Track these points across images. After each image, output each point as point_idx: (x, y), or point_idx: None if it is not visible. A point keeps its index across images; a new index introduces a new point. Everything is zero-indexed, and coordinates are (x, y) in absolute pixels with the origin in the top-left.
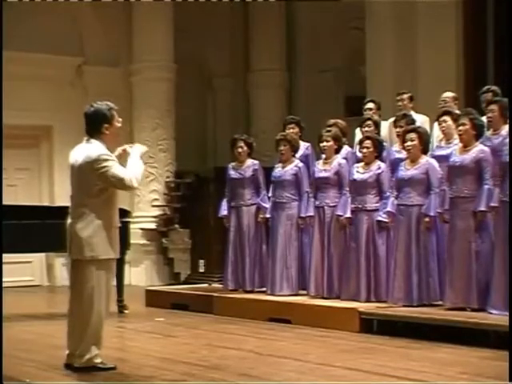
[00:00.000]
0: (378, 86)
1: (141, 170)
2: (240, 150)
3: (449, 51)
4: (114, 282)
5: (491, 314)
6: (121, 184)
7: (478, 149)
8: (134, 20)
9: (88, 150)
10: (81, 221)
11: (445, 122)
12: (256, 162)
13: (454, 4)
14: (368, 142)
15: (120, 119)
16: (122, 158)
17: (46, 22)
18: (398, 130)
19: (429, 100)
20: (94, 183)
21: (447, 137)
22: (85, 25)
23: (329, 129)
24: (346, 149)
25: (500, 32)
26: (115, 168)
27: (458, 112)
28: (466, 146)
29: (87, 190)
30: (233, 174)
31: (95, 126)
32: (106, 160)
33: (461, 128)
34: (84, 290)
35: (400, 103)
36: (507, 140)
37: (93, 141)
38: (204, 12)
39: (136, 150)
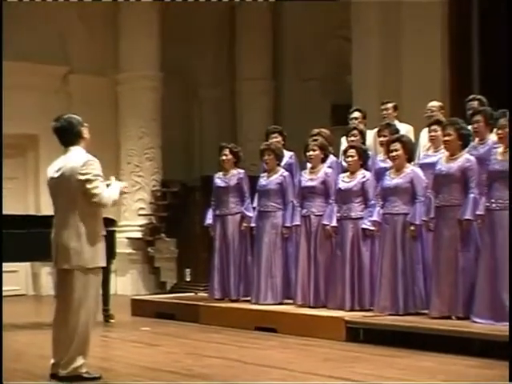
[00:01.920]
0: (364, 95)
1: (117, 196)
2: (224, 157)
3: (434, 61)
4: (100, 291)
5: (475, 322)
6: (98, 199)
7: (464, 158)
8: (120, 29)
9: (71, 157)
10: (67, 230)
11: (435, 131)
12: (241, 170)
13: (439, 14)
14: (352, 151)
15: (86, 124)
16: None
17: (31, 30)
18: (381, 139)
19: (414, 109)
20: (78, 191)
21: (435, 145)
22: (71, 34)
23: (315, 138)
24: (330, 158)
25: (485, 41)
26: (98, 181)
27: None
28: (452, 155)
29: (73, 199)
30: (218, 182)
31: (73, 133)
32: (92, 169)
33: (446, 138)
34: (71, 300)
35: (385, 112)
36: (494, 149)
37: (72, 148)
38: (190, 21)
39: (117, 184)
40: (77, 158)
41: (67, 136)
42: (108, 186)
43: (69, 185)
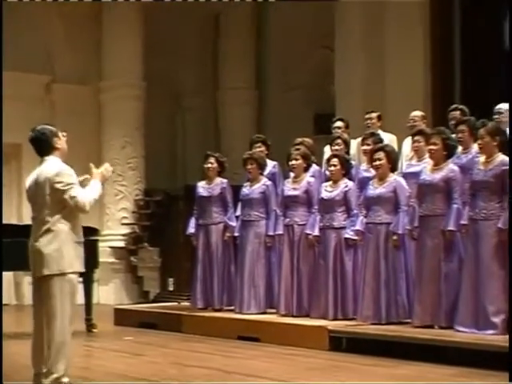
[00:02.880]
0: (347, 104)
1: (97, 194)
2: (210, 165)
3: (417, 71)
4: (83, 301)
5: (459, 331)
6: (74, 204)
7: (448, 168)
8: (104, 38)
9: (46, 167)
10: (44, 238)
11: (418, 141)
12: (225, 180)
13: (421, 24)
14: (335, 160)
15: (64, 133)
16: (86, 182)
17: (14, 39)
18: (364, 147)
19: (397, 118)
20: (54, 198)
21: (418, 155)
22: (54, 42)
23: (298, 147)
24: (313, 167)
25: (466, 50)
26: (74, 187)
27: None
28: (436, 165)
29: (49, 206)
30: (201, 191)
31: (47, 144)
32: (68, 176)
33: (432, 147)
34: (49, 307)
35: (368, 121)
36: (477, 158)
37: (47, 158)
38: (174, 30)
39: (101, 174)
40: (50, 168)
41: (41, 146)
42: (84, 183)
43: (44, 194)
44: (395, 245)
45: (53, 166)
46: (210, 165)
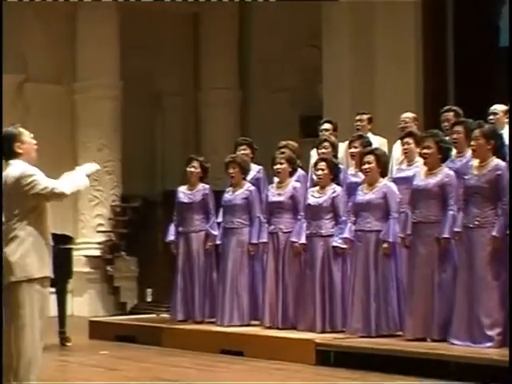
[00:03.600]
0: (335, 105)
1: (79, 182)
2: (193, 170)
3: (408, 70)
4: (56, 313)
5: (453, 344)
6: (51, 194)
7: (443, 172)
8: (79, 35)
9: (10, 171)
10: (11, 244)
11: (408, 144)
12: (207, 186)
13: (413, 21)
14: (323, 164)
15: (31, 134)
16: None
17: None
18: (352, 150)
19: (387, 121)
20: (21, 203)
21: (409, 158)
22: (27, 41)
23: (282, 150)
24: (299, 172)
25: (460, 49)
26: (42, 180)
27: (421, 134)
28: (430, 170)
29: (16, 212)
30: (182, 197)
31: (8, 149)
32: (31, 175)
33: (426, 151)
34: (18, 318)
35: (359, 123)
36: (471, 162)
37: (12, 162)
38: (153, 28)
39: (84, 168)
40: (13, 172)
41: (3, 151)
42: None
43: (9, 199)
44: (386, 253)
45: (16, 170)
46: (193, 169)
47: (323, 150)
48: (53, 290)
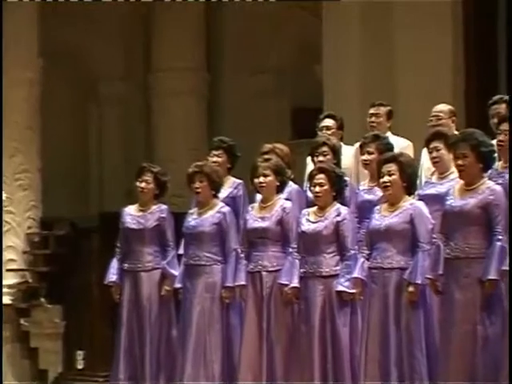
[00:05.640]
0: (340, 93)
1: None
2: (144, 185)
3: (443, 46)
4: None
5: None
6: None
7: (486, 188)
8: None
9: None
10: None
11: (436, 149)
12: (164, 206)
13: None
14: (321, 177)
15: None
16: None
17: None
18: (365, 157)
19: (413, 116)
20: None
21: (440, 169)
22: None
23: (267, 157)
24: (290, 186)
25: None
26: None
27: (455, 133)
28: (468, 185)
29: None
30: (129, 222)
31: None
32: None
33: (460, 162)
34: None
35: (374, 119)
36: None
37: None
38: None
39: None
40: None
41: None
42: None
43: None
44: (412, 300)
45: None
46: (144, 184)
47: (321, 158)
48: None
